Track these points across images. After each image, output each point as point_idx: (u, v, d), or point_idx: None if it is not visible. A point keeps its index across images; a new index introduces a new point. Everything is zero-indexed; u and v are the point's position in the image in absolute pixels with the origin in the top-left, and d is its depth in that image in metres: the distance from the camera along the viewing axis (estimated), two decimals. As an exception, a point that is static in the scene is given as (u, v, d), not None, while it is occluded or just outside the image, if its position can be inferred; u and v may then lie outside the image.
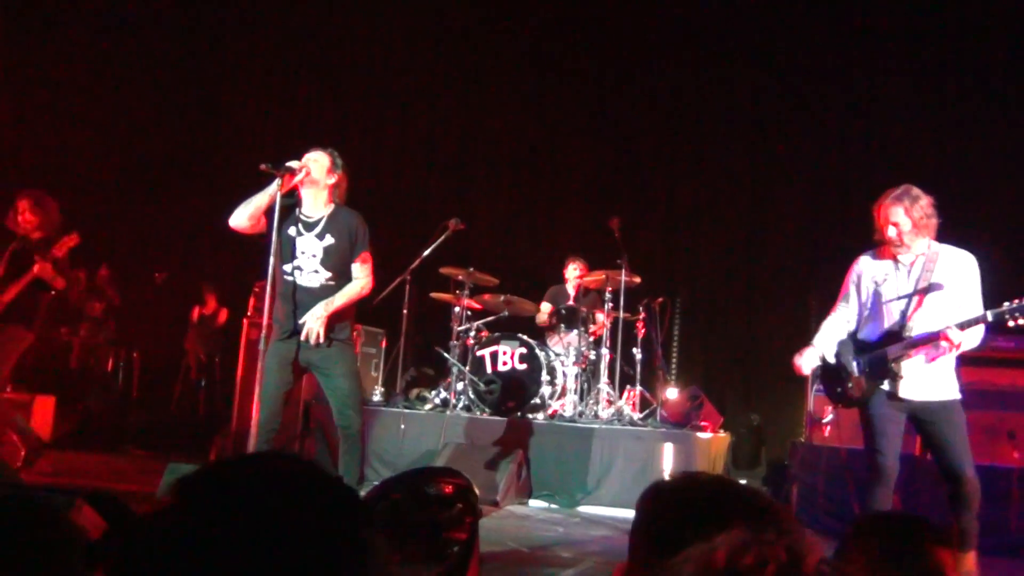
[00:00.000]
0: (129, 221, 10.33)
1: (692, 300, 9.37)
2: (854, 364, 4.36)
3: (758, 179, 9.42)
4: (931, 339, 4.13)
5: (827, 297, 8.36)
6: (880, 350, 4.28)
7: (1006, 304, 4.02)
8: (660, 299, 8.21)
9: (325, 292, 4.60)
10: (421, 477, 3.54)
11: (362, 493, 3.90)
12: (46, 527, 1.42)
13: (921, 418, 4.26)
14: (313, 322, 4.50)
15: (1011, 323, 4.00)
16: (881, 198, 4.27)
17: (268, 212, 4.49)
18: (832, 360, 4.47)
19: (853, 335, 4.46)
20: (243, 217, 4.53)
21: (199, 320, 10.42)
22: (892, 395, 4.25)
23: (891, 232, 4.20)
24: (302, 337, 4.50)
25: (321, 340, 4.49)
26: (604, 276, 7.68)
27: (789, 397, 8.48)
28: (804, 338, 8.28)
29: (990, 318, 4.02)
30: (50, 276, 5.91)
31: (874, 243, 4.43)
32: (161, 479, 5.18)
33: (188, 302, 10.42)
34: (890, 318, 4.29)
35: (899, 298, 4.28)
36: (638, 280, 7.70)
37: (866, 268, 4.44)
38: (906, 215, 4.17)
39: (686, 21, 9.58)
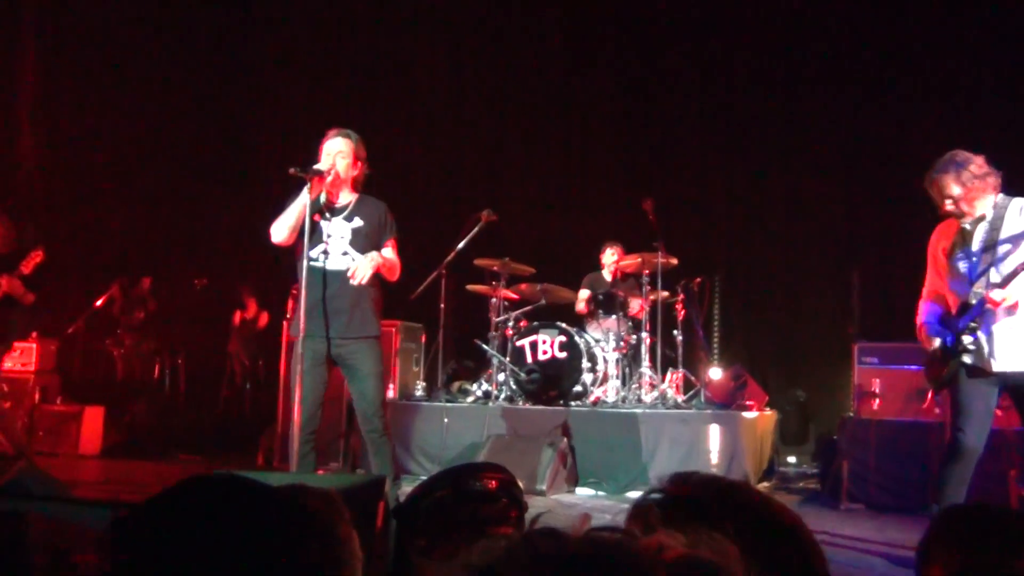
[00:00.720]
0: (167, 230, 10.41)
1: (731, 279, 9.24)
2: (936, 342, 4.22)
3: (794, 154, 9.23)
4: (981, 306, 3.97)
5: (869, 270, 8.28)
6: (955, 324, 4.13)
7: None
8: (699, 279, 8.09)
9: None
10: (464, 473, 3.50)
11: (405, 489, 3.86)
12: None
13: (1014, 390, 4.08)
14: (365, 262, 4.43)
15: None
16: (929, 172, 4.13)
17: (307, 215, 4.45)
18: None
19: (940, 311, 4.31)
20: (284, 231, 4.49)
21: (241, 324, 10.49)
22: (978, 369, 4.07)
23: (948, 205, 4.07)
24: (348, 274, 4.44)
25: (365, 281, 4.42)
26: (640, 259, 7.57)
27: (834, 372, 8.34)
28: (846, 313, 8.22)
29: None
30: (20, 293, 5.92)
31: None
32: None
33: (229, 307, 10.49)
34: (961, 288, 4.14)
35: (965, 266, 4.13)
36: (675, 261, 7.60)
37: (937, 241, 4.31)
38: (956, 184, 4.02)
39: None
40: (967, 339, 4.05)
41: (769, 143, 9.42)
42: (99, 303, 9.67)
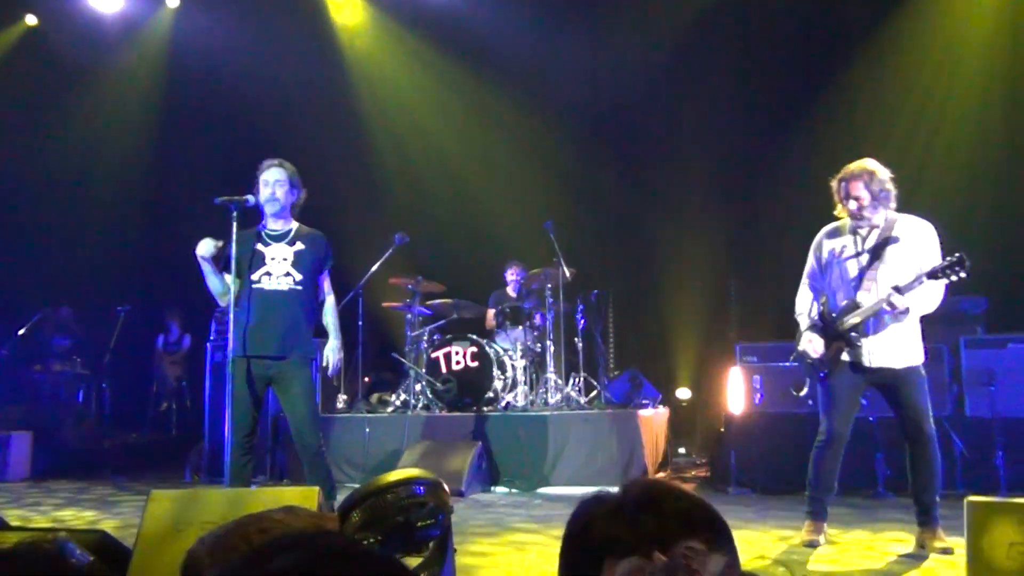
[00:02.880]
0: (90, 257, 9.96)
1: (625, 291, 9.38)
2: (818, 342, 4.27)
3: (679, 176, 9.41)
4: (877, 306, 4.05)
5: (744, 280, 8.56)
6: (839, 320, 4.21)
7: (939, 262, 3.94)
8: (596, 292, 8.23)
9: (291, 296, 4.38)
10: (393, 481, 3.44)
11: (336, 502, 3.77)
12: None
13: (885, 384, 4.19)
14: (333, 354, 4.52)
15: (946, 280, 3.92)
16: (841, 173, 4.18)
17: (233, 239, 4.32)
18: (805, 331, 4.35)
19: (820, 308, 4.36)
20: (219, 290, 4.38)
21: (164, 347, 10.12)
22: (855, 364, 4.18)
23: (852, 205, 4.10)
24: (329, 372, 4.56)
25: (339, 368, 4.56)
26: (542, 273, 7.65)
27: (718, 370, 8.55)
28: (726, 317, 8.46)
29: (925, 279, 3.93)
30: None
31: (833, 218, 4.33)
32: (144, 508, 4.95)
33: (152, 331, 10.10)
34: (847, 289, 4.22)
35: (856, 268, 4.20)
36: (573, 274, 7.68)
37: (826, 243, 4.35)
38: (866, 188, 4.08)
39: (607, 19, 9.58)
40: (853, 336, 4.16)
41: (656, 167, 9.62)
42: (22, 331, 9.17)
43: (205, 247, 4.25)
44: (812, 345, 4.29)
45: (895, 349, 4.15)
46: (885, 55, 8.56)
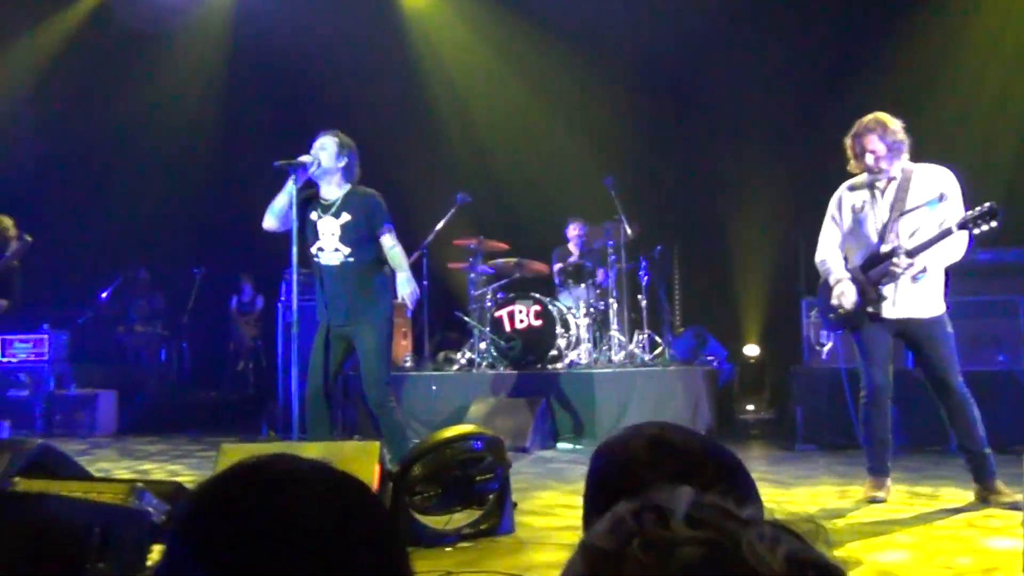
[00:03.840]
0: (166, 221, 10.30)
1: (689, 246, 9.28)
2: (852, 289, 4.20)
3: (743, 127, 9.24)
4: (890, 269, 4.01)
5: (810, 232, 8.37)
6: (863, 275, 4.18)
7: (966, 213, 3.88)
8: (659, 247, 8.16)
9: (346, 270, 4.53)
10: (451, 437, 3.54)
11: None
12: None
13: (908, 336, 4.18)
14: (404, 287, 4.56)
15: (975, 231, 3.86)
16: (853, 129, 4.15)
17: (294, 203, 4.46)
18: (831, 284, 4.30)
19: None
20: (271, 219, 4.57)
21: (238, 307, 10.46)
22: (876, 317, 4.15)
23: (869, 159, 4.06)
24: (409, 306, 4.69)
25: (417, 296, 4.64)
26: (603, 230, 7.63)
27: (786, 325, 8.43)
28: (793, 271, 8.32)
29: (954, 229, 3.88)
30: None
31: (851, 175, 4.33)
32: (216, 461, 5.19)
33: (226, 293, 10.45)
34: (869, 243, 4.18)
35: (876, 222, 4.16)
36: (636, 232, 7.64)
37: (845, 198, 4.31)
38: (881, 141, 4.03)
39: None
40: (879, 290, 4.12)
41: (718, 118, 9.43)
42: (105, 294, 9.59)
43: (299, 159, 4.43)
44: (845, 297, 4.20)
45: (917, 299, 4.10)
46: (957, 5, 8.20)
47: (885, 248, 4.10)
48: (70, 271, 9.53)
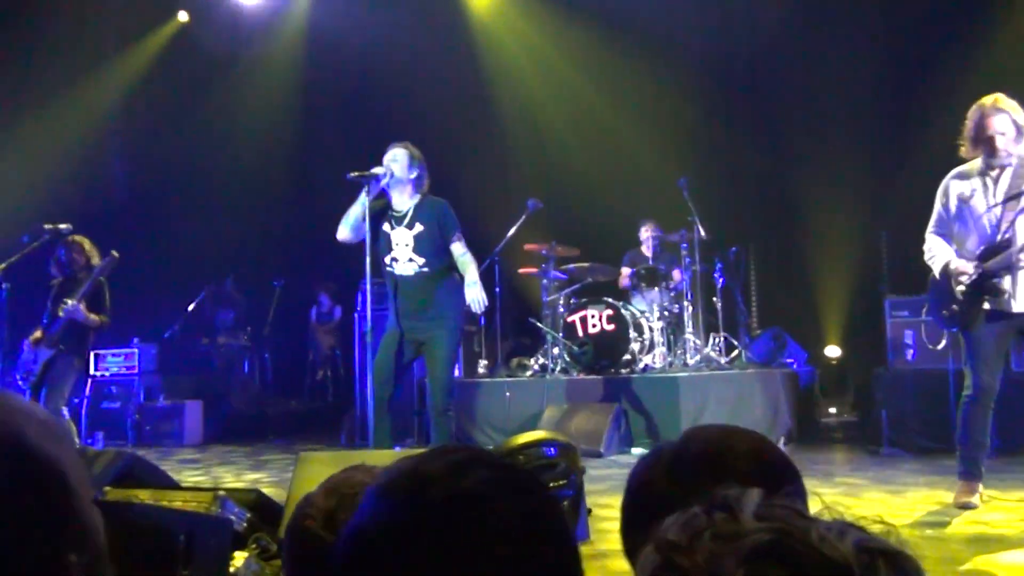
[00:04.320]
0: (244, 236, 10.58)
1: (766, 246, 9.11)
2: (970, 269, 3.97)
3: (820, 123, 9.02)
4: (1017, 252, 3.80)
5: (894, 230, 8.10)
6: (980, 267, 3.95)
7: None
8: (734, 248, 8.03)
9: (420, 279, 4.63)
10: (523, 443, 3.54)
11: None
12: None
13: None
14: (471, 289, 4.61)
15: None
16: (979, 109, 3.91)
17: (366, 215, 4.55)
18: (939, 278, 4.09)
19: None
20: (343, 229, 4.68)
21: (317, 318, 10.67)
22: (998, 312, 3.93)
23: (999, 142, 3.85)
24: (475, 309, 4.69)
25: (485, 303, 4.65)
26: (678, 232, 7.54)
27: (869, 327, 8.18)
28: (876, 271, 8.06)
29: None
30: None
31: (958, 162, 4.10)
32: (295, 469, 5.29)
33: (305, 303, 10.68)
34: (983, 233, 3.98)
35: (989, 210, 3.96)
36: (710, 233, 7.52)
37: (953, 187, 4.11)
38: (1011, 122, 3.85)
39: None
40: (1000, 282, 3.91)
41: (794, 117, 9.23)
42: (191, 307, 9.91)
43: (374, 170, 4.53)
44: (966, 273, 3.97)
45: None
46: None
47: (1006, 236, 3.89)
48: (157, 286, 9.87)
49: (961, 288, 3.99)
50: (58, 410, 5.91)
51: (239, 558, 2.77)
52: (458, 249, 4.66)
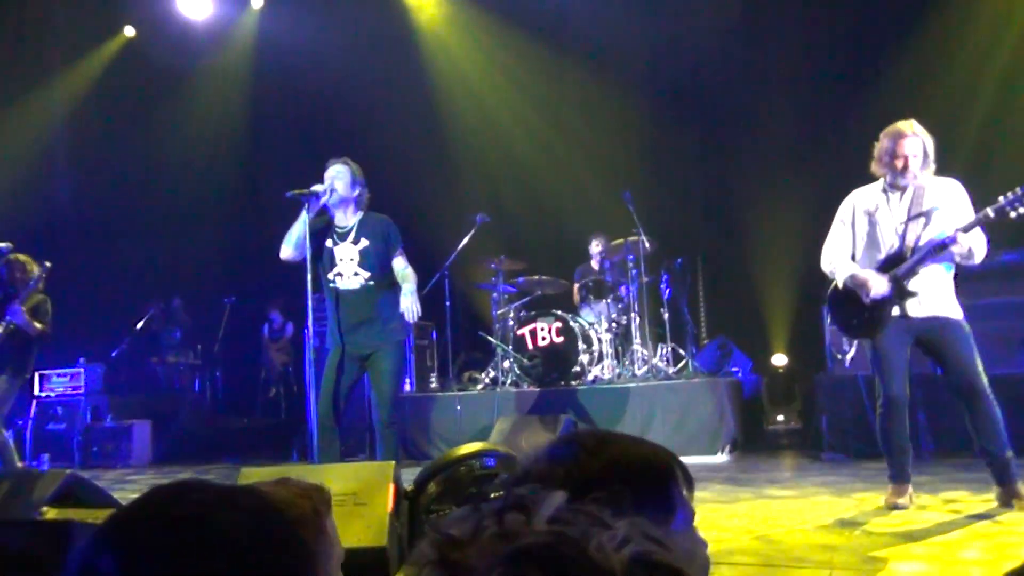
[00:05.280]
0: (195, 254, 10.50)
1: (712, 258, 9.28)
2: (885, 285, 4.09)
3: (761, 137, 9.24)
4: (941, 246, 3.97)
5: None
6: (892, 277, 4.10)
7: (1002, 198, 3.85)
8: (680, 260, 8.18)
9: (365, 292, 4.66)
10: (465, 454, 3.59)
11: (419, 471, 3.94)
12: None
13: (930, 337, 4.11)
14: (406, 298, 4.61)
15: (1013, 214, 3.82)
16: (894, 130, 4.11)
17: (306, 232, 4.57)
18: (844, 287, 4.22)
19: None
20: (288, 249, 4.68)
21: (269, 335, 10.61)
22: (901, 316, 4.09)
23: (912, 164, 4.05)
24: (408, 318, 4.65)
25: (419, 313, 4.63)
26: (623, 244, 7.67)
27: (813, 334, 8.38)
28: (819, 281, 8.25)
29: (991, 214, 3.85)
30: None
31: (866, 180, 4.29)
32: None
33: (256, 320, 10.61)
34: (888, 244, 4.17)
35: (895, 228, 4.15)
36: (654, 245, 7.66)
37: (858, 203, 4.31)
38: (922, 146, 4.06)
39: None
40: (907, 284, 4.07)
41: (737, 129, 9.44)
42: (139, 326, 9.80)
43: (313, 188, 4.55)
44: (875, 285, 4.10)
45: (940, 299, 4.08)
46: (975, 12, 8.13)
47: (909, 246, 4.07)
48: (103, 304, 9.76)
49: (873, 297, 4.13)
50: None
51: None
52: (400, 264, 4.71)
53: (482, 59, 10.40)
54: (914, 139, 4.06)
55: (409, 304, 4.62)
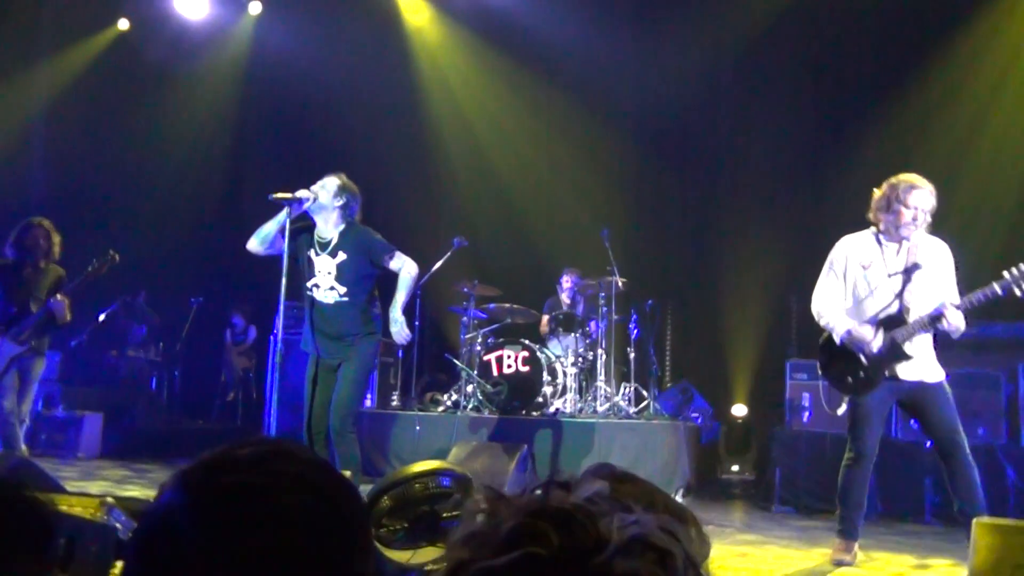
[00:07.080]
0: (163, 252, 10.40)
1: (683, 303, 9.38)
2: (878, 341, 4.08)
3: (740, 190, 9.42)
4: (936, 318, 3.96)
5: (804, 297, 8.44)
6: (885, 334, 4.08)
7: (1007, 274, 3.83)
8: (650, 301, 8.26)
9: (338, 308, 4.64)
10: (420, 472, 3.60)
11: (371, 487, 3.94)
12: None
13: (914, 399, 4.11)
14: (398, 326, 4.66)
15: (1018, 292, 3.81)
16: (910, 182, 4.06)
17: (285, 235, 4.57)
18: (842, 344, 4.15)
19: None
20: (255, 242, 4.71)
21: (232, 339, 10.52)
22: (891, 378, 4.07)
23: (920, 217, 4.04)
24: (398, 341, 4.73)
25: (407, 335, 4.71)
26: (596, 282, 7.73)
27: (775, 387, 8.46)
28: (785, 335, 8.38)
29: (999, 290, 3.82)
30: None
31: (858, 227, 4.27)
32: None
33: (221, 323, 10.52)
34: (883, 301, 4.12)
35: (890, 281, 4.11)
36: (626, 284, 7.74)
37: (851, 252, 4.23)
38: (932, 202, 4.05)
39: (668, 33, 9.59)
40: (905, 348, 4.05)
41: (718, 177, 9.61)
42: (102, 317, 9.67)
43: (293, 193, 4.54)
44: (872, 342, 4.09)
45: (926, 364, 4.11)
46: (957, 67, 8.34)
47: (906, 307, 4.06)
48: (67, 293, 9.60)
49: (869, 354, 4.11)
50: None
51: (120, 567, 2.75)
52: (396, 264, 4.68)
53: (474, 85, 10.49)
54: (928, 194, 4.05)
55: (399, 329, 4.68)
